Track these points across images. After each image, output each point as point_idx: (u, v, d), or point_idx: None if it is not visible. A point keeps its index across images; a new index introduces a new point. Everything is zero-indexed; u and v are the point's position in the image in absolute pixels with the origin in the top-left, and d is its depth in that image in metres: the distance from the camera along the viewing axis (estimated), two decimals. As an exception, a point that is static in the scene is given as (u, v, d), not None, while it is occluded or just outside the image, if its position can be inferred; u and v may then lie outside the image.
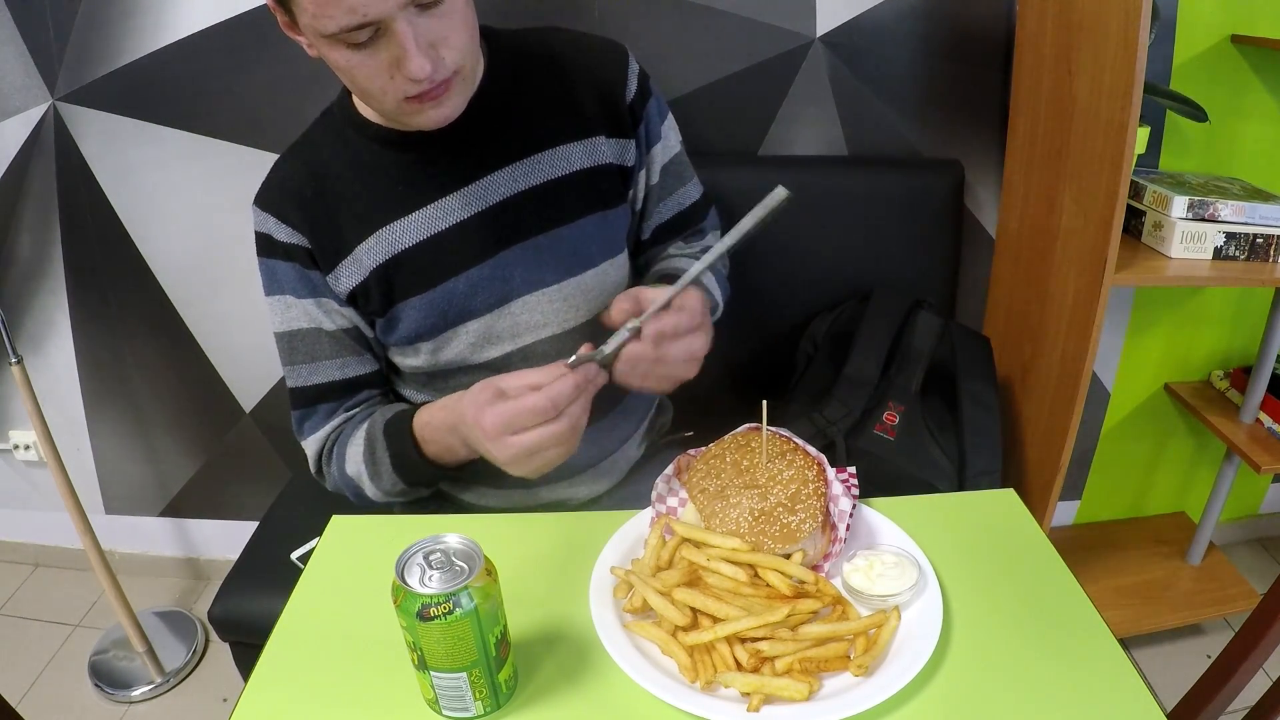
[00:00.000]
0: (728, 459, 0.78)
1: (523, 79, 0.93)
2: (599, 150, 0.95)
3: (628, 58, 0.98)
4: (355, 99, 0.92)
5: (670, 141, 1.03)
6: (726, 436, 0.82)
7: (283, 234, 0.91)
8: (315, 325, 0.94)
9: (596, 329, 0.99)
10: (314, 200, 0.91)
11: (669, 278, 0.97)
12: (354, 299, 0.93)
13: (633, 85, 0.97)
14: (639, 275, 1.10)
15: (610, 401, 1.04)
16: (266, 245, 0.93)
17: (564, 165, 0.93)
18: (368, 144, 0.91)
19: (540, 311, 0.95)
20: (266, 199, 0.92)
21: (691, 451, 0.83)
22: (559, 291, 0.95)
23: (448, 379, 0.98)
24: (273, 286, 0.94)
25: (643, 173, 1.01)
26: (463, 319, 0.93)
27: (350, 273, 0.91)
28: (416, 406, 0.92)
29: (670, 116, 1.03)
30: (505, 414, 0.73)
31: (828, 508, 0.76)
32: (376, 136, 0.90)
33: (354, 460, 0.93)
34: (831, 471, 0.78)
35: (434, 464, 0.89)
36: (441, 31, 0.76)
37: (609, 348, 0.77)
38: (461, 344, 0.95)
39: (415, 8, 0.73)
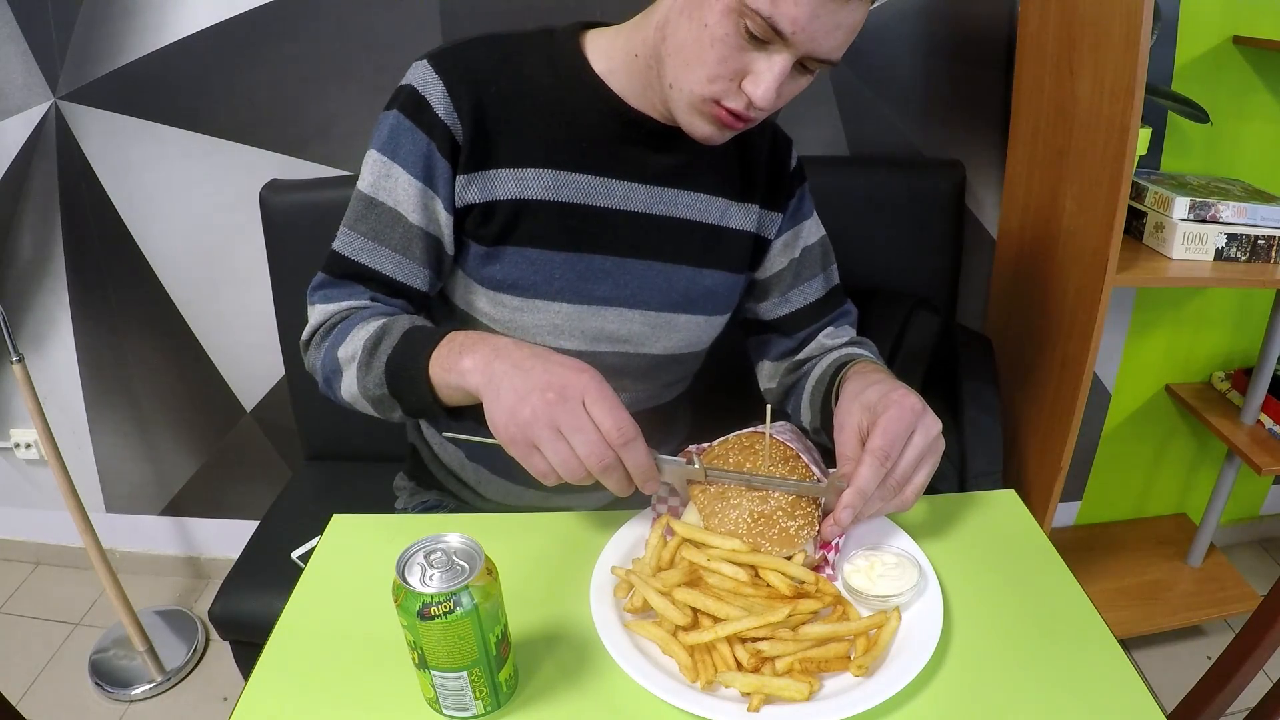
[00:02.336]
0: (730, 460, 0.78)
1: None
2: (750, 217, 0.97)
3: (792, 143, 1.02)
4: (589, 43, 0.89)
5: (815, 225, 1.04)
6: (730, 437, 0.82)
7: (443, 109, 0.84)
8: (401, 210, 0.86)
9: (663, 364, 1.00)
10: (494, 99, 0.85)
11: (851, 359, 0.95)
12: (467, 212, 0.88)
13: (795, 160, 1.01)
14: (795, 371, 1.06)
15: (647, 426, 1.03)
16: (415, 107, 0.84)
17: (719, 215, 0.95)
18: (576, 85, 0.87)
19: (629, 327, 0.95)
20: (447, 66, 0.85)
21: (693, 448, 0.83)
22: (655, 318, 0.95)
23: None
24: (388, 146, 0.86)
25: (780, 243, 1.01)
26: (562, 297, 0.91)
27: (485, 188, 0.86)
28: (456, 328, 0.81)
29: (815, 212, 1.05)
30: (570, 412, 0.67)
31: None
32: (591, 86, 0.87)
33: (354, 342, 0.83)
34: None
35: (431, 388, 0.78)
36: (789, 90, 0.81)
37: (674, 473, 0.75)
38: (542, 319, 0.92)
39: (803, 63, 0.77)
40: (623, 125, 0.88)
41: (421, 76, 0.85)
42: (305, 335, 0.91)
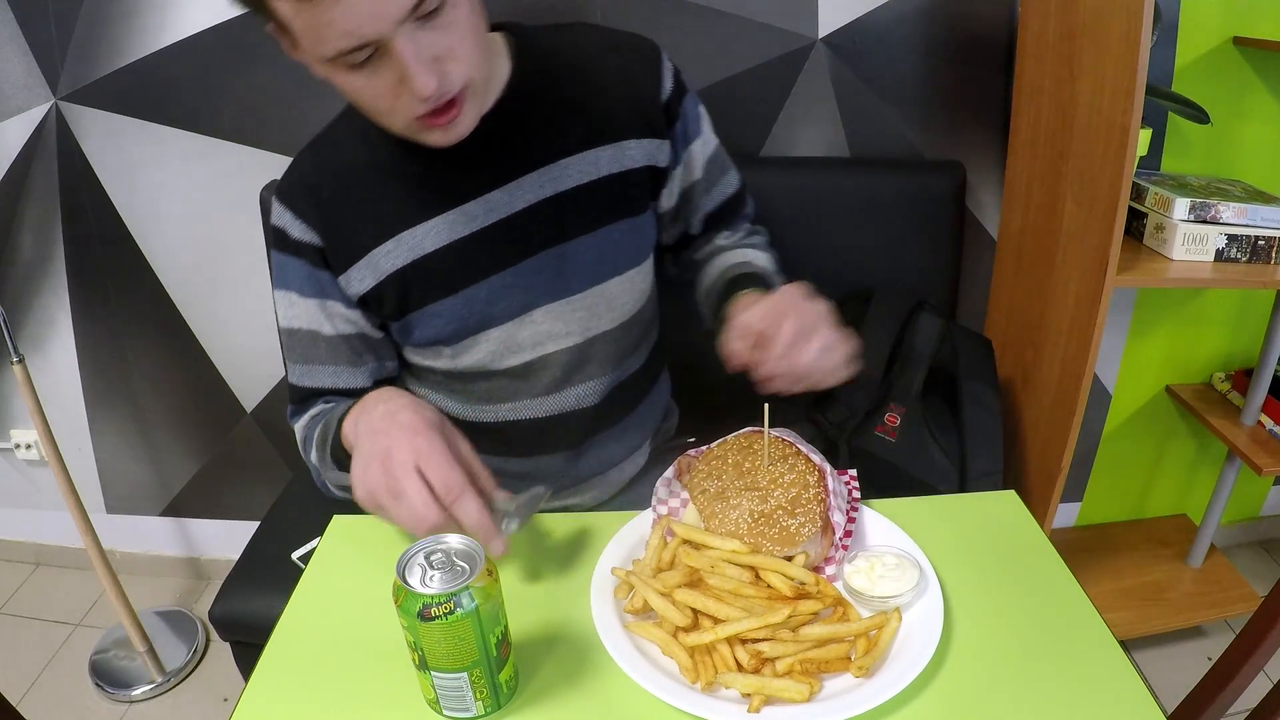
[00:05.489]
0: (729, 460, 0.78)
1: (552, 81, 0.90)
2: (627, 154, 0.93)
3: (660, 55, 0.95)
4: None
5: (708, 134, 1.01)
6: (729, 438, 0.82)
7: (297, 230, 0.89)
8: (313, 328, 0.92)
9: (619, 336, 0.99)
10: (331, 199, 0.88)
11: (739, 279, 0.96)
12: (365, 303, 0.92)
13: (668, 83, 0.95)
14: (690, 269, 1.09)
15: (622, 410, 1.03)
16: (279, 240, 0.91)
17: (591, 171, 0.91)
18: (391, 146, 0.87)
19: (564, 320, 0.94)
20: (285, 193, 0.90)
21: (692, 452, 0.83)
22: (583, 300, 0.94)
23: (467, 383, 0.97)
24: (281, 280, 0.93)
25: (679, 169, 0.99)
26: (484, 326, 0.92)
27: (364, 276, 0.89)
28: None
29: (703, 110, 1.01)
30: (397, 477, 0.70)
31: (828, 513, 0.76)
32: (398, 139, 0.86)
33: (317, 446, 0.91)
34: (832, 479, 0.78)
35: (341, 445, 0.84)
36: (445, 44, 0.72)
37: (517, 514, 0.74)
38: (482, 352, 0.93)
39: (414, 22, 0.69)
40: (442, 157, 0.85)
41: (275, 210, 0.91)
42: (300, 447, 0.97)
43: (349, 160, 0.89)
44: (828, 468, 0.78)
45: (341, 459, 0.84)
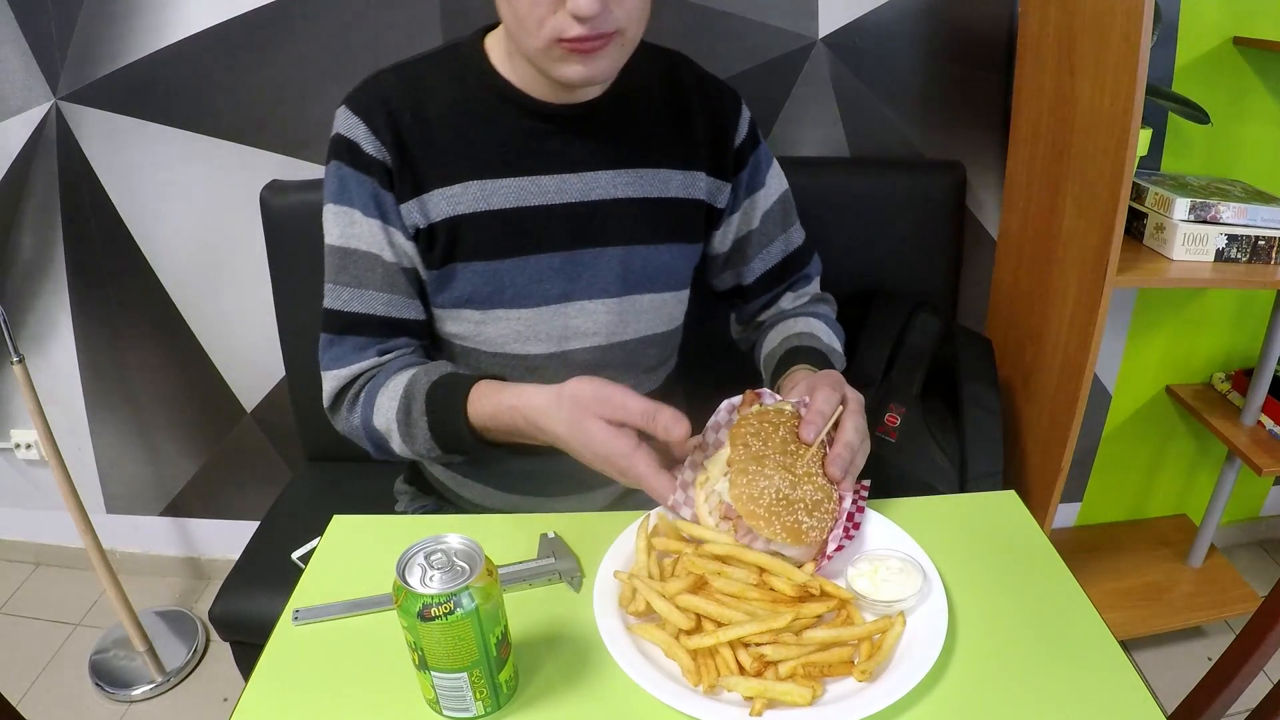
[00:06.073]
0: (781, 433, 0.76)
1: (650, 92, 0.94)
2: (696, 184, 0.97)
3: (741, 104, 0.99)
4: (490, 46, 0.90)
5: (772, 189, 1.03)
6: (789, 405, 0.79)
7: (371, 146, 0.86)
8: (375, 251, 0.89)
9: (636, 350, 1.00)
10: (410, 125, 0.87)
11: (799, 350, 0.96)
12: (415, 237, 0.90)
13: (743, 130, 0.99)
14: (755, 330, 1.11)
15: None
16: (349, 152, 0.87)
17: (662, 188, 0.94)
18: (485, 93, 0.88)
19: (594, 320, 0.95)
20: (363, 105, 0.87)
21: (766, 393, 0.80)
22: (618, 305, 0.95)
23: (480, 362, 0.97)
24: (342, 196, 0.89)
25: (737, 216, 1.01)
26: (516, 303, 0.92)
27: (423, 212, 0.88)
28: (472, 377, 0.85)
29: (775, 164, 1.04)
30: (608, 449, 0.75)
31: (830, 530, 0.75)
32: (498, 89, 0.88)
33: (384, 413, 0.88)
34: (849, 500, 0.77)
35: (484, 441, 0.84)
36: None
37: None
38: (506, 328, 0.93)
39: None
40: (539, 120, 0.89)
41: (345, 121, 0.87)
42: (326, 402, 0.95)
43: (438, 95, 0.88)
44: (850, 495, 0.78)
45: (456, 445, 0.85)
